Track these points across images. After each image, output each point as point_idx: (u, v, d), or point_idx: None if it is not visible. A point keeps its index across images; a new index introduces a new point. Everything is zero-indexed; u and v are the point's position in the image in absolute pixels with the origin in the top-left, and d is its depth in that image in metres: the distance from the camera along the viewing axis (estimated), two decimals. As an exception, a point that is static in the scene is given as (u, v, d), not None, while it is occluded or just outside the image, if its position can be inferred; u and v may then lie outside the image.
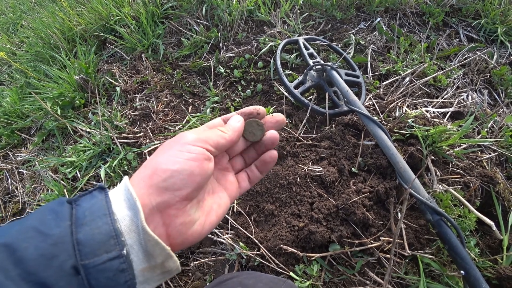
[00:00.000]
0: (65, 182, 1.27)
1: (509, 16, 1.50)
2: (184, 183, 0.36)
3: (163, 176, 0.36)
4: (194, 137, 0.40)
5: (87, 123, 1.45)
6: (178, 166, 0.37)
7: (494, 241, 0.93)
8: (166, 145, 0.40)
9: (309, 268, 0.87)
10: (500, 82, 1.34)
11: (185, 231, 0.38)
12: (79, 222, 0.32)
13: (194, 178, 0.37)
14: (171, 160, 0.37)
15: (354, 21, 1.58)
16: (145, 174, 0.37)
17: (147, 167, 0.38)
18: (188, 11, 1.69)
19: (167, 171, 0.36)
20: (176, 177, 0.36)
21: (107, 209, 0.34)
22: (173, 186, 0.36)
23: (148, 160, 0.40)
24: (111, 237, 0.32)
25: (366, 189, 0.93)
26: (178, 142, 0.39)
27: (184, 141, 0.39)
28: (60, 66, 1.76)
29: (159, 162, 0.37)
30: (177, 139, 0.40)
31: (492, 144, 1.09)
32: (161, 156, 0.38)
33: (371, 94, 1.26)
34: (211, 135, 0.42)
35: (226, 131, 0.45)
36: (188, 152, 0.38)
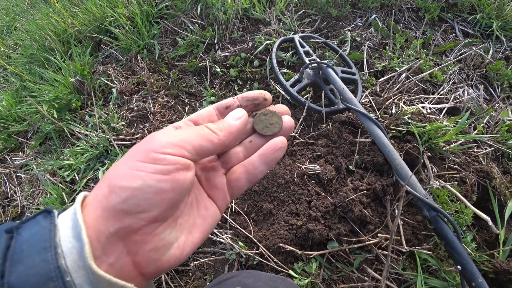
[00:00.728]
0: (64, 185, 1.27)
1: (504, 10, 1.50)
2: (151, 203, 0.29)
3: (122, 196, 0.28)
4: (164, 142, 0.31)
5: (84, 126, 1.45)
6: (140, 182, 0.28)
7: (491, 236, 0.94)
8: (129, 153, 0.31)
9: (308, 266, 0.87)
10: (496, 77, 1.35)
11: (158, 258, 0.31)
12: (15, 258, 0.25)
13: (164, 195, 0.29)
14: (130, 174, 0.29)
15: (349, 18, 1.58)
16: (102, 193, 0.29)
17: (105, 182, 0.30)
18: (183, 11, 1.68)
19: (126, 189, 0.28)
20: (139, 197, 0.28)
21: (49, 240, 0.26)
22: (135, 208, 0.28)
23: (107, 172, 0.31)
24: (49, 278, 0.25)
25: (363, 186, 0.93)
26: (141, 148, 0.31)
27: (149, 147, 0.30)
28: (55, 68, 1.75)
29: (117, 176, 0.29)
30: (142, 145, 0.31)
31: (488, 139, 1.10)
32: (121, 168, 0.30)
33: (367, 91, 1.26)
34: (191, 137, 0.32)
35: (217, 130, 0.35)
36: (153, 163, 0.29)
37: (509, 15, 1.49)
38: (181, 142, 0.31)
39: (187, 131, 0.33)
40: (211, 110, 0.40)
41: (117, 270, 0.28)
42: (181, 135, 0.32)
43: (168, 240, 0.32)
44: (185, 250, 0.33)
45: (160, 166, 0.29)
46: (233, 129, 0.36)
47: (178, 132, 0.32)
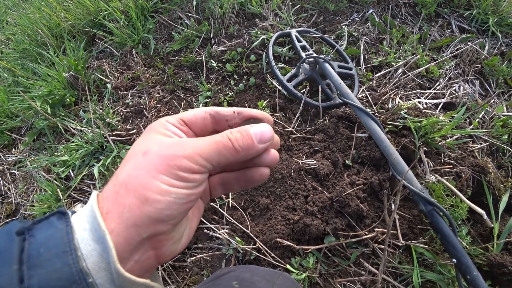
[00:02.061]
0: (58, 181, 1.26)
1: (500, 6, 1.50)
2: (180, 212, 0.31)
3: (157, 208, 0.29)
4: (193, 163, 0.31)
5: (79, 121, 1.43)
6: (174, 196, 0.30)
7: (485, 229, 0.95)
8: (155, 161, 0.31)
9: (305, 260, 0.88)
10: (491, 72, 1.35)
11: (176, 248, 0.34)
12: (32, 262, 0.25)
13: (189, 205, 0.32)
14: (165, 189, 0.30)
15: (346, 12, 1.57)
16: (131, 202, 0.29)
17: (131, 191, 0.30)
18: (179, 5, 1.66)
19: (161, 202, 0.30)
20: (173, 208, 0.30)
21: (68, 244, 0.27)
22: (168, 217, 0.31)
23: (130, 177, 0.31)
24: (73, 282, 0.25)
25: (360, 181, 0.94)
26: (172, 163, 0.31)
27: (179, 165, 0.31)
28: (48, 63, 1.72)
29: (148, 189, 0.30)
30: (171, 159, 0.31)
31: (483, 134, 1.11)
32: (151, 181, 0.30)
33: (364, 86, 1.26)
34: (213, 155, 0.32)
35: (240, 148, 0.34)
36: (185, 181, 0.31)
37: (505, 11, 1.49)
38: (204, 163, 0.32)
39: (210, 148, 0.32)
40: (205, 116, 0.38)
41: (141, 263, 0.31)
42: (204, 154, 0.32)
43: (181, 231, 0.35)
44: (190, 236, 0.37)
45: (190, 183, 0.31)
46: (253, 151, 0.35)
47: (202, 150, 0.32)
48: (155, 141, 0.33)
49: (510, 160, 1.08)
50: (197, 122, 0.37)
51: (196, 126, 0.38)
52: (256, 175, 0.38)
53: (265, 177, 0.39)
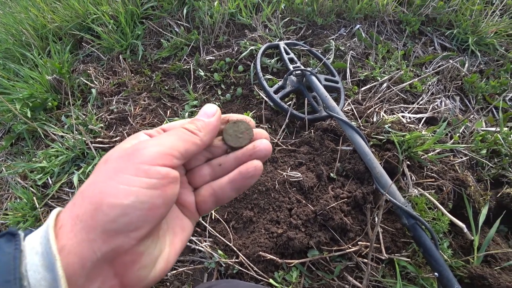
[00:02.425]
0: (35, 189, 1.20)
1: (479, 27, 1.57)
2: (143, 220, 0.27)
3: (111, 215, 0.25)
4: (155, 152, 0.29)
5: (60, 127, 1.38)
6: (133, 199, 0.26)
7: (466, 242, 0.96)
8: (114, 164, 0.28)
9: (288, 274, 0.86)
10: (471, 89, 1.40)
11: (146, 275, 0.29)
12: None
13: (157, 211, 0.28)
14: (122, 190, 0.26)
15: (334, 27, 1.61)
16: (84, 211, 0.26)
17: (87, 198, 0.27)
18: (169, 12, 1.66)
19: (116, 206, 0.25)
20: (131, 214, 0.26)
21: (13, 271, 0.23)
22: (127, 227, 0.26)
23: (88, 185, 0.28)
24: None
25: (344, 194, 0.94)
26: (131, 160, 0.28)
27: (140, 159, 0.28)
28: (31, 65, 1.67)
29: (105, 192, 0.26)
30: (130, 156, 0.28)
31: (463, 149, 1.14)
32: (108, 183, 0.27)
33: (350, 99, 1.28)
34: (177, 142, 0.31)
35: (197, 131, 0.33)
36: (147, 177, 0.27)
37: (483, 31, 1.56)
38: (170, 150, 0.29)
39: (171, 137, 0.31)
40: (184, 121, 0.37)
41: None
42: (168, 142, 0.30)
43: (155, 254, 0.30)
44: (170, 262, 0.32)
45: (153, 180, 0.27)
46: (210, 127, 0.35)
47: (164, 140, 0.31)
48: (116, 149, 0.31)
49: (489, 174, 1.12)
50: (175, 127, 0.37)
51: None
52: (250, 168, 0.36)
53: (259, 169, 0.36)
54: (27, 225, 1.11)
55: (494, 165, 1.13)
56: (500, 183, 1.11)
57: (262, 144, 0.37)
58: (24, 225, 1.11)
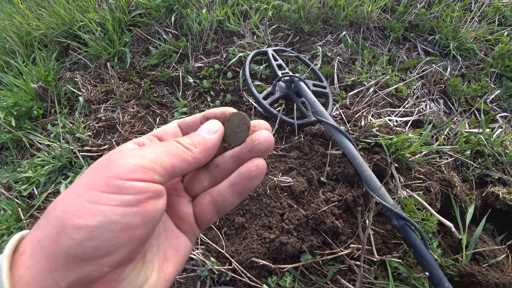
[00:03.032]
0: (20, 200, 1.17)
1: (460, 32, 1.63)
2: (116, 243, 0.22)
3: (76, 238, 0.21)
4: (131, 164, 0.24)
5: (46, 135, 1.35)
6: (100, 218, 0.22)
7: (454, 241, 0.98)
8: (85, 178, 0.24)
9: (282, 279, 0.86)
10: (453, 92, 1.45)
11: None
12: None
13: (133, 232, 0.23)
14: (88, 208, 0.22)
15: (321, 33, 1.64)
16: (46, 234, 0.22)
17: (51, 219, 0.22)
18: (157, 19, 1.66)
19: (82, 228, 0.21)
20: (99, 237, 0.22)
21: None
22: (95, 252, 0.22)
23: (55, 203, 0.24)
24: None
25: (335, 198, 0.95)
26: (101, 175, 0.24)
27: (111, 172, 0.24)
28: (16, 73, 1.64)
29: (69, 212, 0.22)
30: (101, 169, 0.24)
31: (448, 150, 1.17)
32: (74, 201, 0.23)
33: (338, 104, 1.30)
34: (162, 156, 0.26)
35: (192, 147, 0.29)
36: (118, 194, 0.23)
37: (463, 36, 1.62)
38: (151, 164, 0.25)
39: (156, 149, 0.27)
40: (175, 127, 0.34)
41: None
42: (150, 154, 0.26)
43: (137, 283, 0.26)
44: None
45: (127, 196, 0.23)
46: (209, 144, 0.30)
47: (145, 151, 0.26)
48: (97, 161, 0.26)
49: (474, 174, 1.15)
50: (168, 133, 0.34)
51: (169, 137, 0.33)
52: (252, 168, 0.31)
53: (261, 168, 0.32)
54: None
55: (478, 165, 1.17)
56: (485, 183, 1.14)
57: (262, 136, 0.32)
58: (9, 237, 1.07)
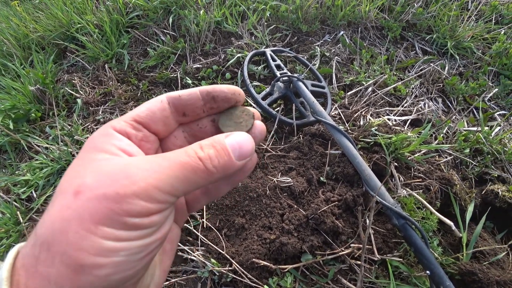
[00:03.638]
0: (19, 203, 1.16)
1: (457, 31, 1.64)
2: (138, 269, 0.23)
3: (100, 275, 0.20)
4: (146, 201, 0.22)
5: (44, 138, 1.35)
6: (124, 253, 0.21)
7: (455, 239, 0.98)
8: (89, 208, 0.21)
9: (282, 280, 0.86)
10: (452, 91, 1.46)
11: None
12: None
13: (152, 254, 0.23)
14: (108, 247, 0.21)
15: (319, 33, 1.64)
16: (58, 273, 0.20)
17: (57, 255, 0.20)
18: (155, 21, 1.65)
19: (105, 266, 0.20)
20: (124, 268, 0.21)
21: None
22: (121, 281, 0.22)
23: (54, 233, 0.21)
24: None
25: (334, 197, 0.95)
26: (115, 210, 0.21)
27: (127, 210, 0.21)
28: (13, 75, 1.63)
29: (84, 250, 0.20)
30: (113, 203, 0.21)
31: (448, 149, 1.17)
32: (86, 239, 0.20)
33: (336, 104, 1.31)
34: (177, 183, 0.23)
35: (213, 169, 0.25)
36: (137, 230, 0.22)
37: (460, 35, 1.63)
38: (166, 198, 0.23)
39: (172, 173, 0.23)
40: (162, 106, 0.29)
41: None
42: (166, 185, 0.22)
43: (146, 283, 0.27)
44: (160, 284, 0.29)
45: (145, 230, 0.22)
46: (231, 171, 0.26)
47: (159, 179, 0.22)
48: (92, 169, 0.23)
49: (473, 172, 1.15)
50: (155, 118, 0.28)
51: (156, 123, 0.28)
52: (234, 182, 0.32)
53: (254, 161, 0.31)
54: (11, 241, 1.06)
55: (477, 163, 1.17)
56: (484, 181, 1.14)
57: (257, 129, 0.31)
58: (8, 241, 1.07)
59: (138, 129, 0.27)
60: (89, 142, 0.25)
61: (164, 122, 0.29)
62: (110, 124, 0.26)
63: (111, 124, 0.26)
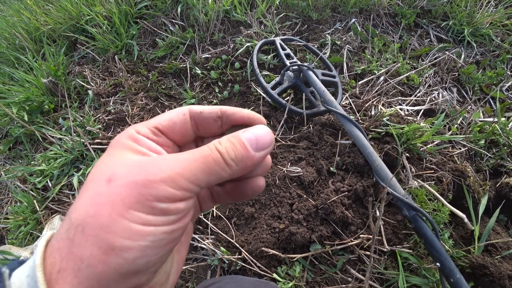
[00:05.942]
0: (35, 192, 1.20)
1: (475, 18, 1.57)
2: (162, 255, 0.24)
3: (129, 258, 0.22)
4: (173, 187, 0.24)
5: (58, 129, 1.38)
6: (151, 238, 0.23)
7: (467, 232, 0.97)
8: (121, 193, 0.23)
9: (291, 269, 0.86)
10: (467, 80, 1.41)
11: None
12: None
13: (175, 242, 0.25)
14: (137, 230, 0.22)
15: (329, 21, 1.60)
16: (91, 253, 0.21)
17: (90, 237, 0.22)
18: (163, 11, 1.64)
19: (133, 249, 0.22)
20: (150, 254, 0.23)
21: None
22: (146, 266, 0.23)
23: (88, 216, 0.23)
24: None
25: (344, 188, 0.94)
26: (144, 195, 0.23)
27: (155, 195, 0.23)
28: (26, 68, 1.66)
29: (115, 233, 0.22)
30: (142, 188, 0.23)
31: (462, 140, 1.14)
32: (117, 222, 0.22)
33: (347, 93, 1.28)
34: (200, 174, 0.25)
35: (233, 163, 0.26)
36: (164, 215, 0.23)
37: (478, 22, 1.56)
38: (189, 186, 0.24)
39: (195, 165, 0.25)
40: (184, 119, 0.30)
41: None
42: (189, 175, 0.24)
43: (167, 270, 0.28)
44: (179, 270, 0.31)
45: (171, 216, 0.24)
46: (250, 163, 0.27)
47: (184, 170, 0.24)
48: (122, 162, 0.25)
49: (488, 164, 1.12)
50: (175, 128, 0.30)
51: (175, 133, 0.30)
52: (254, 186, 0.32)
53: (262, 187, 0.32)
54: (28, 229, 1.10)
55: (492, 155, 1.14)
56: (499, 173, 1.11)
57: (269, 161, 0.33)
58: (26, 228, 1.11)
59: (158, 135, 0.29)
60: (115, 141, 0.27)
61: (183, 133, 0.31)
62: (134, 128, 0.28)
63: (135, 128, 0.28)
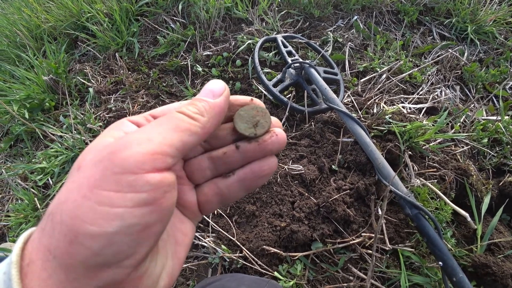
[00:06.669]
0: (36, 190, 1.20)
1: (478, 15, 1.56)
2: (136, 245, 0.21)
3: (94, 248, 0.19)
4: (141, 153, 0.21)
5: (59, 127, 1.37)
6: (118, 223, 0.20)
7: (469, 231, 0.96)
8: (87, 173, 0.21)
9: (292, 267, 0.86)
10: (470, 78, 1.40)
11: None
12: None
13: (151, 230, 0.22)
14: (102, 213, 0.20)
15: (331, 19, 1.59)
16: (57, 244, 0.20)
17: (57, 224, 0.20)
18: (164, 8, 1.64)
19: (98, 237, 0.19)
20: (119, 243, 0.20)
21: None
22: (116, 257, 0.20)
23: (57, 204, 0.21)
24: None
25: (346, 186, 0.93)
26: (109, 168, 0.21)
27: (121, 166, 0.20)
28: (27, 66, 1.66)
29: (80, 218, 0.19)
30: (108, 162, 0.21)
31: (464, 138, 1.13)
32: (82, 205, 0.20)
33: (349, 91, 1.27)
34: (170, 135, 0.23)
35: (199, 116, 0.25)
36: (133, 192, 0.20)
37: (482, 19, 1.55)
38: (160, 147, 0.22)
39: (161, 128, 0.23)
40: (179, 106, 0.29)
41: None
42: (156, 136, 0.22)
43: (156, 273, 0.25)
44: (174, 275, 0.27)
45: (142, 194, 0.20)
46: (216, 109, 0.26)
47: (150, 133, 0.22)
48: (93, 147, 0.23)
49: (491, 163, 1.11)
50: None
51: None
52: (265, 167, 0.30)
53: (274, 167, 0.30)
54: (29, 226, 1.10)
55: (495, 154, 1.13)
56: (502, 172, 1.11)
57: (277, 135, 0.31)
58: (27, 226, 1.11)
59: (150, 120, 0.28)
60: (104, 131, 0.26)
61: None
62: (126, 117, 0.28)
63: (127, 117, 0.28)
